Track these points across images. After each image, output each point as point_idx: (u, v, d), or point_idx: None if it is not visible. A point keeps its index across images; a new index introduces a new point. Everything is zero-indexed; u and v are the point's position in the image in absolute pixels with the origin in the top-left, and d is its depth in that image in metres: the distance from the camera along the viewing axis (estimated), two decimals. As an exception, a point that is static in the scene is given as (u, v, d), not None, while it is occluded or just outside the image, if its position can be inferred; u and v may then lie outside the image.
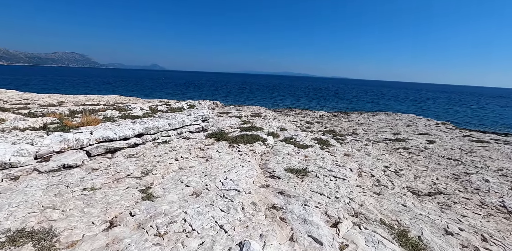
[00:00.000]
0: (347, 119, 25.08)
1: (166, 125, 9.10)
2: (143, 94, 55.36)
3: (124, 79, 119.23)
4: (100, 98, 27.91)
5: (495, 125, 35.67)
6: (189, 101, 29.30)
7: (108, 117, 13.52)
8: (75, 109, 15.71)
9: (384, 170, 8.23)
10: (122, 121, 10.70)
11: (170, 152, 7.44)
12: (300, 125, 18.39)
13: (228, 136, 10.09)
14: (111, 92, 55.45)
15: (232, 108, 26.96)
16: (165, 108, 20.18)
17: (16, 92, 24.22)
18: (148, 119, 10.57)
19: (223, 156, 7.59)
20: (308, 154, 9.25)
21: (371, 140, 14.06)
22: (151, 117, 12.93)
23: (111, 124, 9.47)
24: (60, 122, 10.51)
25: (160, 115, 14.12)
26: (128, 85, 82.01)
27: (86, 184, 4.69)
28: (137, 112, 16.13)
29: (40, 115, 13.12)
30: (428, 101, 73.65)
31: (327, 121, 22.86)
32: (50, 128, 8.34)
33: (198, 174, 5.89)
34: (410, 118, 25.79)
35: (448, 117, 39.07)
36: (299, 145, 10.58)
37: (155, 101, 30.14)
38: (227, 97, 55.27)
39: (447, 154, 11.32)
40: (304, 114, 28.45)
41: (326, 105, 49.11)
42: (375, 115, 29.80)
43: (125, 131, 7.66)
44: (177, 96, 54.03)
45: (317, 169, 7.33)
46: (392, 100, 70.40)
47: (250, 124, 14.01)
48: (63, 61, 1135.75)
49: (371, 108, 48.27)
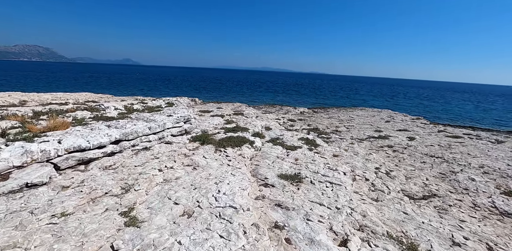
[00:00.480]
0: (327, 115, 25.20)
1: (146, 129, 8.30)
2: (116, 91, 52.47)
3: (94, 74, 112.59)
4: (69, 96, 25.86)
5: (460, 118, 37.80)
6: (167, 99, 28.05)
7: (78, 119, 12.34)
8: (40, 110, 14.25)
9: (376, 171, 8.07)
10: (95, 124, 9.74)
11: (152, 160, 6.72)
12: (283, 123, 18.09)
13: (213, 139, 9.47)
14: (81, 89, 52.03)
15: (212, 106, 26.12)
16: (141, 107, 19.00)
17: (-31, 91, 21.69)
18: (124, 122, 9.69)
19: (211, 163, 7.00)
20: (298, 156, 8.90)
21: (355, 137, 14.04)
22: (127, 119, 11.96)
23: (83, 129, 8.53)
24: (22, 127, 9.36)
25: (138, 116, 13.14)
26: (99, 81, 77.46)
27: (55, 208, 3.94)
28: (111, 113, 14.95)
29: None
30: (399, 96, 76.79)
31: (308, 118, 22.78)
32: (10, 135, 7.28)
33: (187, 186, 5.28)
34: (387, 114, 26.45)
35: (420, 112, 40.78)
36: (287, 146, 10.21)
37: (129, 99, 28.53)
38: (205, 94, 53.91)
39: (429, 151, 11.49)
40: (285, 111, 28.25)
41: (305, 101, 49.44)
42: (353, 111, 30.29)
43: (99, 138, 6.81)
44: (152, 92, 51.92)
45: (311, 174, 6.98)
46: (366, 95, 72.46)
47: (234, 124, 13.43)
48: (25, 55, 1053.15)
49: (348, 103, 49.30)
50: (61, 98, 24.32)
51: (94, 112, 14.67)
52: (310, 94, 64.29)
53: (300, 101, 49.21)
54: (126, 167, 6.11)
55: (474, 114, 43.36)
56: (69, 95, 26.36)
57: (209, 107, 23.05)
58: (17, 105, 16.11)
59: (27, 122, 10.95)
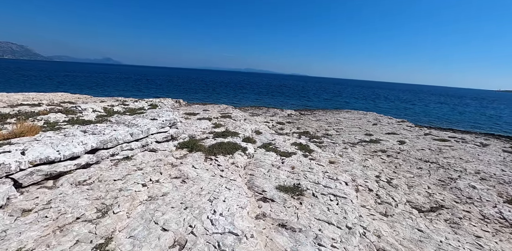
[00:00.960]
0: (315, 118, 24.92)
1: (127, 136, 7.41)
2: (95, 91, 50.03)
3: (72, 73, 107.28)
4: (43, 96, 24.02)
5: (439, 121, 38.94)
6: (150, 100, 26.80)
7: (51, 123, 11.16)
8: (7, 113, 12.88)
9: (377, 180, 7.62)
10: (70, 129, 8.72)
11: (135, 173, 5.87)
12: (273, 126, 17.52)
13: (202, 145, 8.70)
14: (56, 89, 49.19)
15: (198, 108, 25.17)
16: (122, 109, 17.83)
17: None
18: (103, 126, 8.72)
19: (201, 174, 6.25)
20: (293, 163, 8.31)
21: (347, 142, 13.68)
22: (106, 123, 10.93)
23: (55, 135, 7.53)
24: None
25: (118, 119, 12.11)
26: (77, 80, 73.65)
27: (9, 244, 3.09)
28: (88, 115, 13.79)
29: None
30: (381, 98, 78.68)
31: (297, 120, 22.36)
32: (-35, 144, 6.21)
33: (176, 205, 4.52)
34: (373, 117, 26.55)
35: (400, 114, 41.54)
36: (281, 152, 9.60)
37: (109, 100, 26.98)
38: (189, 95, 52.53)
39: (423, 156, 11.28)
40: (272, 113, 27.74)
41: (291, 103, 49.30)
42: (340, 113, 30.28)
43: (72, 148, 5.88)
44: (134, 93, 49.93)
45: (312, 185, 6.39)
46: (348, 97, 73.61)
47: (223, 128, 12.68)
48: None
49: (332, 106, 49.66)
50: (33, 99, 22.51)
51: (69, 115, 13.44)
52: (294, 96, 64.39)
53: (285, 103, 49.02)
54: (104, 181, 5.24)
55: (451, 116, 44.88)
56: (43, 96, 24.51)
57: (195, 110, 22.11)
58: (-19, 107, 14.53)
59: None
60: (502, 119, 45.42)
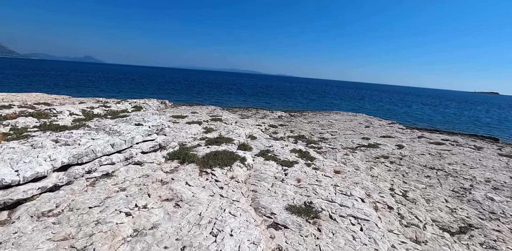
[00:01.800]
0: (306, 120, 24.24)
1: (108, 147, 6.24)
2: (75, 91, 47.32)
3: (49, 72, 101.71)
4: (15, 97, 21.92)
5: (422, 121, 39.51)
6: (134, 101, 25.22)
7: (18, 129, 9.71)
8: (-33, 117, 11.24)
9: (392, 193, 6.88)
10: (39, 138, 7.44)
11: (117, 195, 4.76)
12: (266, 129, 16.60)
13: (195, 155, 7.63)
14: (31, 88, 46.07)
15: (185, 110, 23.87)
16: (103, 111, 16.37)
17: None
18: (79, 134, 7.51)
19: (198, 194, 5.22)
20: (298, 175, 7.42)
21: (345, 146, 12.99)
22: (84, 129, 9.64)
23: (19, 146, 6.29)
24: None
25: (98, 124, 10.81)
26: (53, 79, 69.62)
27: None
28: (64, 119, 12.35)
29: None
30: (365, 99, 79.69)
31: (288, 123, 21.58)
32: None
33: (171, 244, 3.50)
34: (363, 119, 26.23)
35: (386, 115, 41.76)
36: (281, 161, 8.69)
37: (89, 101, 25.13)
38: (174, 96, 50.76)
39: (426, 162, 10.74)
40: (262, 115, 26.85)
41: (279, 104, 48.66)
42: (329, 115, 29.83)
43: (36, 166, 4.69)
44: (116, 94, 47.58)
45: (326, 204, 5.51)
46: (335, 98, 74.00)
47: (216, 133, 11.63)
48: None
49: (319, 107, 49.49)
50: (3, 99, 20.43)
51: (41, 119, 11.92)
52: (281, 97, 63.86)
53: (273, 104, 48.31)
54: (76, 210, 4.11)
55: (434, 117, 45.73)
56: (15, 96, 22.38)
57: (182, 112, 20.83)
58: None
59: None
60: (481, 120, 46.86)
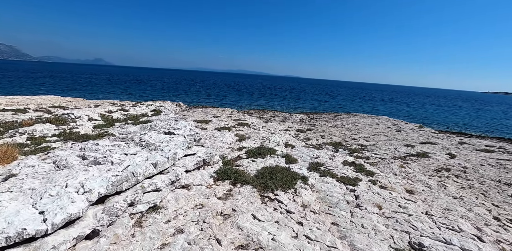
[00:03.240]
0: (329, 123, 22.74)
1: (150, 168, 4.91)
2: (87, 93, 46.62)
3: (61, 74, 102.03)
4: (29, 100, 21.00)
5: (443, 124, 37.44)
6: (149, 104, 24.11)
7: (36, 139, 8.51)
8: (-19, 123, 10.13)
9: (501, 225, 5.43)
10: (62, 152, 6.22)
11: (175, 242, 3.41)
12: (296, 135, 15.18)
13: (244, 172, 6.27)
14: (45, 91, 45.52)
15: (203, 113, 22.62)
16: (122, 116, 15.18)
17: None
18: (107, 146, 6.30)
19: (278, 236, 3.86)
20: (373, 199, 6.00)
21: (392, 155, 11.52)
22: (109, 138, 8.41)
23: (39, 164, 5.10)
24: None
25: (123, 132, 9.58)
26: (65, 82, 69.38)
27: None
28: (84, 126, 11.15)
29: None
30: (376, 100, 77.49)
31: (313, 126, 20.13)
32: None
33: None
34: (389, 122, 24.62)
35: (400, 116, 39.73)
36: (340, 177, 7.28)
37: (104, 103, 24.10)
38: (185, 97, 49.64)
39: (495, 176, 9.22)
40: (281, 118, 25.43)
41: (292, 106, 47.17)
42: (350, 117, 28.25)
43: (67, 203, 3.37)
44: (127, 95, 46.57)
45: (442, 247, 4.10)
46: (346, 100, 72.00)
47: (250, 141, 10.28)
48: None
49: (333, 108, 47.87)
50: (18, 103, 19.48)
51: (60, 126, 10.74)
52: (292, 98, 62.15)
53: (286, 106, 46.84)
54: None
55: (450, 119, 43.56)
56: (30, 100, 21.47)
57: (202, 115, 19.58)
58: (-50, 115, 11.70)
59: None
60: (503, 122, 44.53)
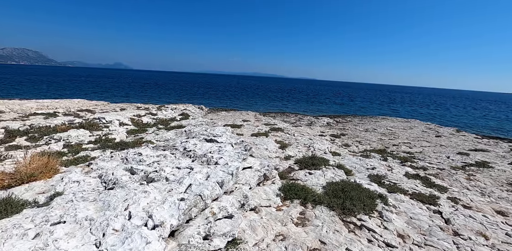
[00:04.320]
0: (360, 127, 21.44)
1: (216, 188, 4.06)
2: (107, 96, 47.32)
3: (86, 78, 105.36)
4: (58, 104, 21.04)
5: (473, 126, 34.90)
6: (173, 107, 23.71)
7: (72, 146, 7.95)
8: (17, 128, 9.76)
9: None
10: (104, 163, 5.55)
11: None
12: (332, 141, 14.11)
13: (312, 191, 5.34)
14: (71, 95, 46.52)
15: (229, 116, 21.91)
16: (152, 120, 14.65)
17: None
18: (151, 156, 5.65)
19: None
20: (469, 224, 4.91)
21: (447, 164, 10.27)
22: (147, 145, 7.73)
23: (85, 180, 4.40)
24: None
25: (159, 138, 8.92)
26: (87, 86, 71.14)
27: None
28: (118, 132, 10.59)
29: None
30: (397, 102, 74.54)
31: (344, 131, 18.96)
32: None
33: None
34: (422, 126, 23.01)
35: (427, 119, 37.43)
36: (412, 194, 6.20)
37: (129, 107, 23.89)
38: (203, 100, 49.40)
39: None
40: (307, 121, 24.36)
41: (312, 108, 45.89)
42: (378, 121, 26.77)
43: (140, 243, 2.57)
44: (147, 99, 46.69)
45: None
46: (364, 102, 69.69)
47: (293, 148, 9.36)
48: (13, 58, 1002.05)
49: (354, 111, 46.23)
50: (48, 107, 19.49)
51: (93, 131, 10.22)
52: (309, 101, 60.66)
53: (307, 108, 45.57)
54: None
55: (478, 121, 40.79)
56: (59, 103, 21.52)
57: (228, 118, 18.86)
58: (-13, 120, 11.48)
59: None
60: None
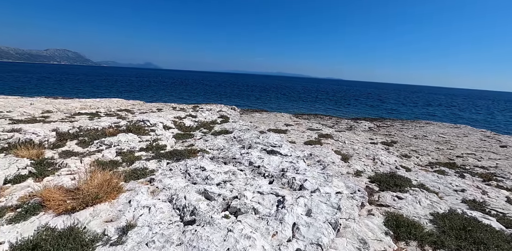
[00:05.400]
0: (405, 133, 19.59)
1: (327, 228, 3.11)
2: (140, 95, 48.53)
3: (117, 78, 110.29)
4: (99, 104, 21.33)
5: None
6: (207, 108, 23.23)
7: (125, 154, 7.37)
8: (66, 131, 9.42)
9: None
10: (168, 180, 4.81)
11: None
12: (387, 150, 12.67)
13: (421, 227, 4.23)
14: (109, 93, 48.29)
15: (264, 118, 21.00)
16: (193, 123, 14.05)
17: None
18: (217, 173, 4.89)
19: None
20: None
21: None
22: (203, 155, 6.97)
23: (155, 204, 3.57)
24: (34, 173, 4.61)
25: (211, 146, 8.14)
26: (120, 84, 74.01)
27: None
28: (165, 136, 9.99)
29: (1, 148, 7.09)
30: (434, 105, 69.53)
31: (390, 137, 17.31)
32: None
33: None
34: (477, 133, 20.63)
35: (476, 124, 33.97)
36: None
37: (165, 107, 23.76)
38: (231, 100, 49.05)
39: None
40: (346, 125, 22.82)
41: (344, 110, 43.83)
42: (423, 126, 24.54)
43: None
44: (176, 98, 47.09)
45: None
46: (397, 104, 65.67)
47: (358, 161, 8.20)
48: (55, 59, 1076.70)
49: (386, 113, 43.61)
50: (91, 106, 19.77)
51: (141, 136, 9.68)
52: (338, 102, 58.19)
53: (338, 110, 43.61)
54: None
55: None
56: (100, 103, 21.84)
57: (266, 121, 17.96)
58: (38, 120, 11.43)
59: (46, 163, 6.13)
60: None
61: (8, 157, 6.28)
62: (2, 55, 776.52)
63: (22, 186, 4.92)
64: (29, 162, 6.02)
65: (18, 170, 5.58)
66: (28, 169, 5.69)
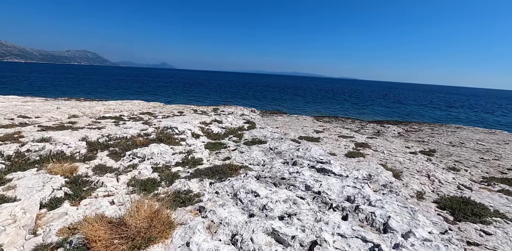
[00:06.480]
0: (438, 139, 18.24)
1: None
2: (157, 95, 48.76)
3: (134, 78, 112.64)
4: (122, 107, 21.14)
5: None
6: (229, 110, 22.65)
7: (162, 170, 6.77)
8: (96, 140, 8.92)
9: None
10: (223, 211, 4.10)
11: None
12: (429, 160, 11.60)
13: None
14: (127, 93, 48.78)
15: (287, 122, 20.17)
16: (220, 129, 13.41)
17: (14, 101, 17.37)
18: (274, 201, 4.28)
19: None
20: None
21: None
22: (246, 173, 6.31)
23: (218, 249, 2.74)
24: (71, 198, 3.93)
25: (249, 159, 7.47)
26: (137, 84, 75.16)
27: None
28: (197, 147, 9.34)
29: (33, 161, 6.67)
30: (457, 107, 66.25)
31: (426, 144, 16.11)
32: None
33: None
34: (519, 140, 18.98)
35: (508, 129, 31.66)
36: None
37: (186, 109, 23.35)
38: (247, 101, 48.41)
39: None
40: (373, 130, 21.65)
41: (363, 112, 42.26)
42: (455, 131, 22.97)
43: None
44: (192, 100, 46.85)
45: None
46: (417, 105, 63.05)
47: (413, 179, 7.31)
48: (76, 59, 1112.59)
49: (410, 116, 41.64)
50: (114, 110, 19.60)
51: (174, 146, 9.08)
52: (355, 103, 56.42)
53: (356, 112, 42.10)
54: None
55: None
56: (122, 106, 21.68)
57: (291, 126, 17.15)
58: (66, 127, 11.09)
59: (81, 182, 5.65)
60: None
61: (41, 173, 5.82)
62: (27, 56, 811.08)
63: (59, 213, 4.38)
64: (64, 181, 5.52)
65: (53, 191, 5.08)
66: (64, 190, 5.18)
